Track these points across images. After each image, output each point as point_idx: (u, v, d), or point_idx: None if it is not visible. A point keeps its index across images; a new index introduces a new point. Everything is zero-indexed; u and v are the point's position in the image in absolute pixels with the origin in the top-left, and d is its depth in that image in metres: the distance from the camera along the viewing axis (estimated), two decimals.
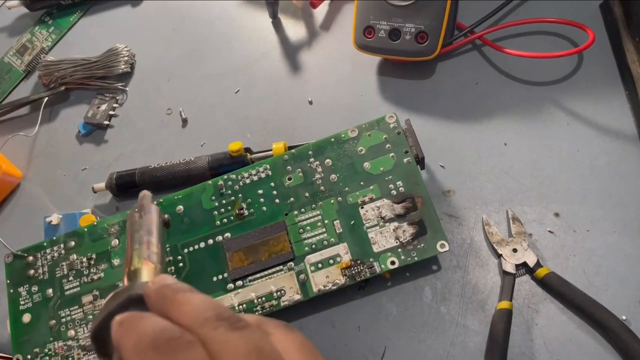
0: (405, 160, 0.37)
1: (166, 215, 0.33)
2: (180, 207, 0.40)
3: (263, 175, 0.39)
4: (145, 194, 0.32)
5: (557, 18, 0.42)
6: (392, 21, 0.41)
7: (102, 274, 0.39)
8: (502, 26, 0.42)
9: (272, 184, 0.39)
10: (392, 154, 0.38)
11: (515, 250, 0.37)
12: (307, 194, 0.38)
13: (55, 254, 0.40)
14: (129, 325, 0.19)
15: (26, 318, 0.39)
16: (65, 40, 0.55)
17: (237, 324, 0.19)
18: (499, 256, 0.37)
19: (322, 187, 0.38)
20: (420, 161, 0.37)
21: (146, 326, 0.18)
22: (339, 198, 0.38)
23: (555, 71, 0.42)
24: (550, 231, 0.37)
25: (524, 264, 0.36)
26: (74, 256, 0.40)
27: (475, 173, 0.40)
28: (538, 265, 0.36)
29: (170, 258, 0.38)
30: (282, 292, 0.36)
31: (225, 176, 0.40)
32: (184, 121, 0.47)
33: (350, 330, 0.37)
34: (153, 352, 0.17)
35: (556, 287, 0.35)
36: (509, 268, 0.36)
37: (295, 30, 0.49)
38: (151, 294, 0.21)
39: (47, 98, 0.50)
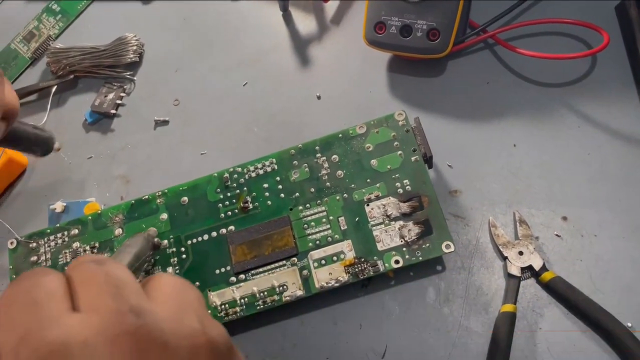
0: (413, 158, 0.37)
1: (157, 239, 0.38)
2: (185, 198, 0.40)
3: (269, 169, 0.39)
4: (150, 229, 0.39)
5: (571, 19, 0.41)
6: (403, 17, 0.41)
7: None
8: (515, 26, 0.42)
9: (278, 178, 0.39)
10: (399, 152, 0.37)
11: (521, 253, 0.36)
12: (312, 190, 0.38)
13: (59, 241, 0.40)
14: None
15: None
16: (72, 28, 0.55)
17: (104, 261, 0.19)
18: (505, 258, 0.37)
19: (327, 183, 0.38)
20: (428, 160, 0.37)
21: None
22: (345, 195, 0.37)
23: (568, 73, 0.41)
24: (557, 235, 0.37)
25: (530, 267, 0.36)
26: (77, 244, 0.40)
27: (483, 174, 0.40)
28: (544, 269, 0.36)
29: (174, 249, 0.38)
30: (285, 287, 0.36)
31: (231, 169, 0.40)
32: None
33: (351, 328, 0.37)
34: (15, 280, 0.18)
35: (561, 292, 0.35)
36: (514, 271, 0.36)
37: (305, 24, 0.49)
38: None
39: (56, 86, 0.50)
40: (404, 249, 0.35)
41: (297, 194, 0.38)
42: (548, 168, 0.39)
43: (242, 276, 0.37)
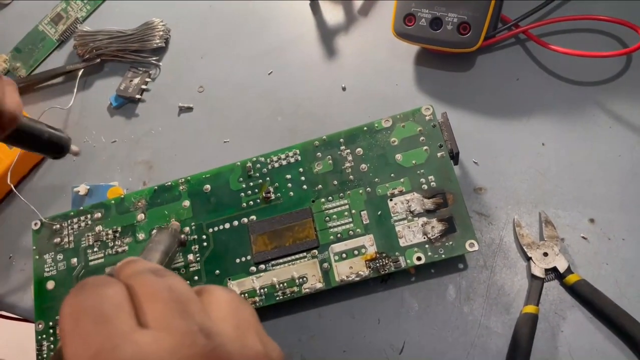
0: (439, 154, 0.37)
1: (183, 236, 0.37)
2: (208, 186, 0.40)
3: (292, 160, 0.39)
4: (174, 223, 0.39)
5: (607, 16, 0.40)
6: (434, 10, 0.40)
7: (126, 247, 0.39)
8: (549, 21, 0.41)
9: (301, 169, 0.39)
10: (425, 147, 0.37)
11: (545, 254, 0.36)
12: (335, 182, 0.38)
13: (82, 224, 0.41)
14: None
15: (50, 285, 0.39)
16: (100, 11, 0.55)
17: (163, 272, 0.19)
18: (529, 259, 0.36)
19: (351, 176, 0.38)
20: (454, 156, 0.36)
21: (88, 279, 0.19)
22: (368, 189, 0.37)
23: (601, 71, 0.40)
24: (583, 237, 0.36)
25: (554, 269, 0.35)
26: (100, 227, 0.40)
27: (509, 172, 0.39)
28: (569, 271, 0.35)
29: (195, 237, 0.38)
30: (304, 279, 0.36)
31: (254, 158, 0.40)
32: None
33: (370, 322, 0.37)
34: (78, 289, 0.18)
35: (586, 295, 0.34)
36: (538, 272, 0.35)
37: (332, 13, 0.48)
38: (116, 268, 0.22)
39: (82, 69, 0.51)
40: (427, 245, 0.35)
41: (320, 186, 0.38)
42: (577, 168, 0.38)
43: (262, 266, 0.37)
